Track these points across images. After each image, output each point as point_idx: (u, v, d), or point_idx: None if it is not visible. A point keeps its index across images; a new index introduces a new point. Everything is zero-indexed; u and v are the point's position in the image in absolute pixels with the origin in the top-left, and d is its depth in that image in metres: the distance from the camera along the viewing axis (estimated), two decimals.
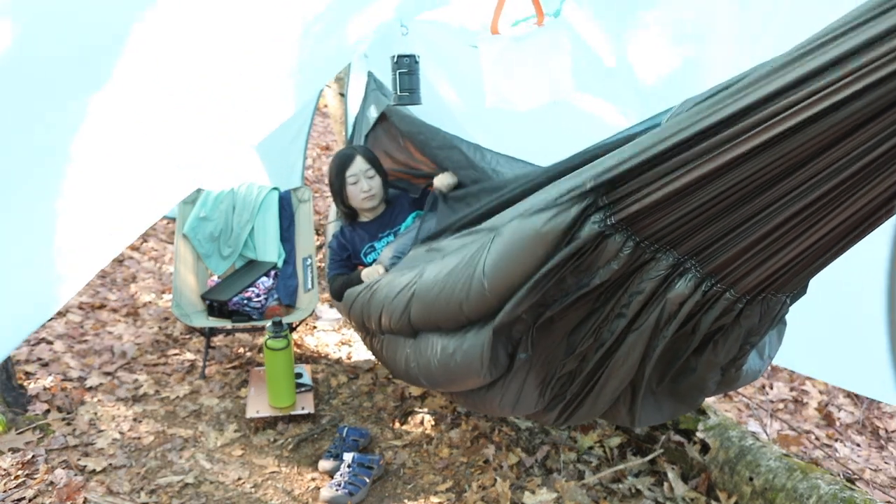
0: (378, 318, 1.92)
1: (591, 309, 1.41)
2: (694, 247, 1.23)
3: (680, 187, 1.11)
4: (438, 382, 1.72)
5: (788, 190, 1.08)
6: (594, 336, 1.43)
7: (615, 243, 1.24)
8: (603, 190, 1.20)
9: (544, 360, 1.52)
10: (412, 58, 2.28)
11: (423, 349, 1.72)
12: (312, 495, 2.26)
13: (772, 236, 1.17)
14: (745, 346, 1.49)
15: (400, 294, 1.79)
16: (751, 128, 0.99)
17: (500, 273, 1.38)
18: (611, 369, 1.48)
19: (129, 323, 3.34)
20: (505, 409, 1.62)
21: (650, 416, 1.69)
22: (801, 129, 0.95)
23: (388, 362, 2.03)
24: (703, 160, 1.06)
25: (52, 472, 2.19)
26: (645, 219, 1.20)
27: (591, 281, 1.32)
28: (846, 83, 0.87)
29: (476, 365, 1.50)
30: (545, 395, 1.57)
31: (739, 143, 1.01)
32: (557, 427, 2.62)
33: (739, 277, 1.28)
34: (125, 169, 1.31)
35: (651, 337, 1.39)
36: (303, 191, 3.32)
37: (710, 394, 1.70)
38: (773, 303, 1.39)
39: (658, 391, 1.65)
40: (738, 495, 2.21)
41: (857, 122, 0.92)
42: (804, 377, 3.39)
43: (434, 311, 1.62)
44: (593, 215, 1.23)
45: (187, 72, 1.34)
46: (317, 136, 6.53)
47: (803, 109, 0.93)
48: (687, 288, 1.28)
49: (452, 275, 1.54)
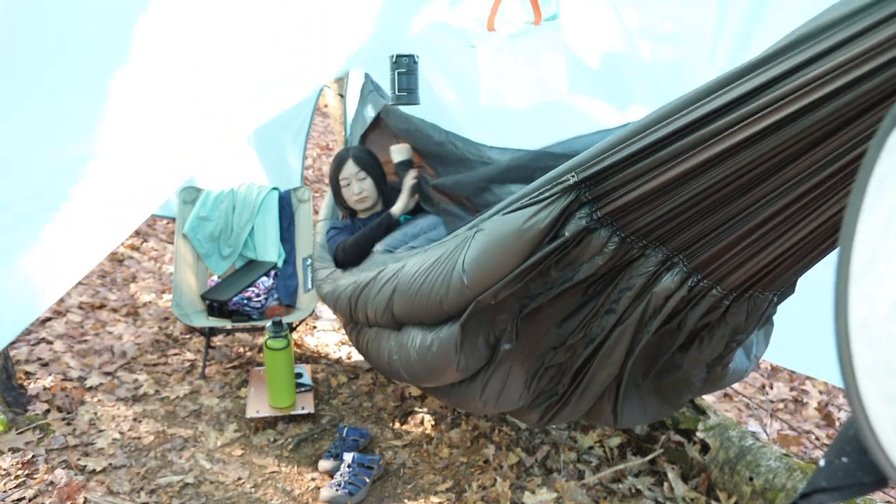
0: (364, 312, 1.93)
1: (581, 302, 1.40)
2: (682, 243, 1.23)
3: (666, 181, 1.10)
4: (418, 375, 1.72)
5: (773, 188, 1.08)
6: (584, 331, 1.43)
7: (600, 238, 1.23)
8: (587, 185, 1.18)
9: (530, 350, 1.51)
10: (411, 58, 2.28)
11: (405, 342, 1.72)
12: (312, 495, 2.26)
13: (757, 233, 1.17)
14: (731, 343, 1.49)
15: (383, 288, 1.79)
16: (733, 124, 0.98)
17: (480, 269, 1.36)
18: (597, 364, 1.48)
19: (129, 323, 3.34)
20: (488, 403, 1.60)
21: (634, 416, 1.68)
22: (780, 127, 0.95)
23: (372, 356, 2.03)
24: (689, 154, 1.05)
25: (52, 472, 2.19)
26: (630, 213, 1.19)
27: (574, 276, 1.31)
28: (827, 80, 0.87)
29: (451, 353, 1.49)
30: (531, 387, 1.55)
31: (723, 139, 1.01)
32: (541, 427, 2.61)
33: (726, 274, 1.28)
34: (126, 157, 1.30)
35: (636, 331, 1.39)
36: (303, 191, 3.32)
37: (696, 392, 1.70)
38: (760, 301, 1.39)
39: (643, 386, 1.65)
40: (738, 495, 2.21)
41: (838, 121, 0.92)
42: (804, 377, 3.39)
43: (416, 306, 1.61)
44: (578, 210, 1.21)
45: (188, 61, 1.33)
46: (317, 136, 6.53)
47: (785, 106, 0.92)
48: (673, 282, 1.27)
49: (433, 269, 1.53)
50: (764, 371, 3.45)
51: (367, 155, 2.55)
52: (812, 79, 0.87)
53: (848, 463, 1.33)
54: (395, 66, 2.28)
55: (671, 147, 1.06)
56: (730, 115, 0.98)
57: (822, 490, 1.30)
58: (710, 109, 0.99)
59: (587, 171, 1.16)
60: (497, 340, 1.49)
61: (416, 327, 1.69)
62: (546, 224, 1.22)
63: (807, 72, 0.88)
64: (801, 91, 0.89)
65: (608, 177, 1.15)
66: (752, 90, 0.94)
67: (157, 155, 1.34)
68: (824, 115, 0.90)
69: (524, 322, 1.45)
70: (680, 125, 1.03)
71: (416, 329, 1.68)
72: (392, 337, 1.82)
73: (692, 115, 1.02)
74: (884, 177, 0.48)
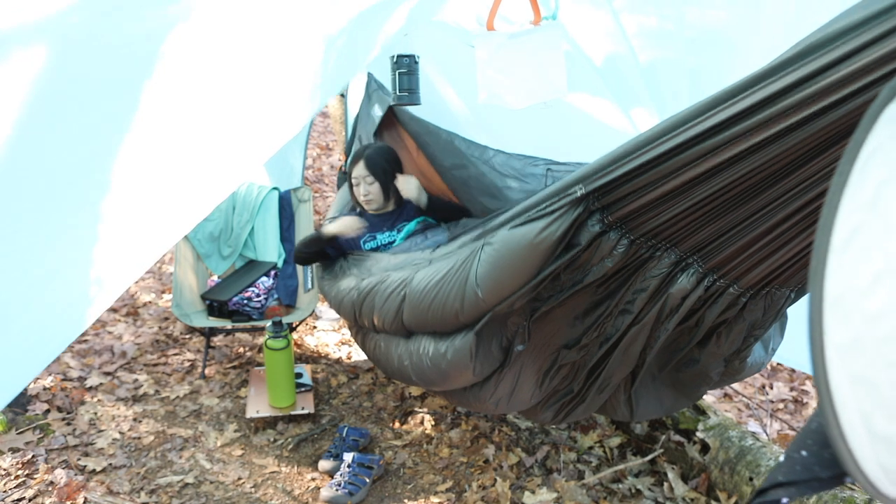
0: (371, 319, 1.92)
1: (593, 302, 1.41)
2: (695, 244, 1.24)
3: (674, 187, 1.11)
4: (431, 380, 1.73)
5: (789, 188, 1.08)
6: (598, 330, 1.44)
7: (609, 241, 1.25)
8: (595, 196, 1.19)
9: (541, 350, 1.52)
10: (412, 58, 2.28)
11: (416, 349, 1.73)
12: (312, 495, 2.26)
13: (774, 232, 1.18)
14: (748, 338, 1.51)
15: (391, 298, 1.79)
16: (742, 133, 0.98)
17: (495, 283, 1.38)
18: (614, 361, 1.49)
19: (129, 323, 3.34)
20: (500, 403, 1.61)
21: (650, 409, 1.69)
22: (788, 133, 0.95)
23: (380, 360, 2.03)
24: (698, 161, 1.05)
25: (52, 472, 2.19)
26: (640, 217, 1.20)
27: (584, 277, 1.32)
28: (838, 89, 0.85)
29: (465, 360, 1.50)
30: (543, 386, 1.56)
31: (732, 146, 1.01)
32: (555, 426, 2.62)
33: (742, 273, 1.28)
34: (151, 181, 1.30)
35: (653, 329, 1.40)
36: (303, 191, 3.32)
37: (714, 385, 1.71)
38: (777, 297, 1.40)
39: (659, 378, 1.66)
40: (738, 495, 2.21)
41: (848, 127, 0.91)
42: (804, 377, 3.39)
43: (429, 319, 1.62)
44: (590, 219, 1.22)
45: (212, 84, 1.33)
46: (317, 136, 6.53)
47: (794, 112, 0.91)
48: (689, 283, 1.28)
49: (444, 283, 1.54)
50: (764, 371, 3.45)
51: (383, 159, 2.45)
52: (823, 88, 0.86)
53: (807, 457, 1.33)
54: (395, 67, 2.28)
55: (679, 156, 1.06)
56: (739, 125, 0.97)
57: (778, 485, 1.29)
58: (720, 120, 0.98)
59: (594, 182, 1.17)
60: (510, 343, 1.50)
61: (427, 336, 1.69)
62: (558, 236, 1.24)
63: (820, 79, 0.86)
64: (811, 99, 0.88)
65: (616, 187, 1.16)
66: (763, 100, 0.92)
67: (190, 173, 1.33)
68: (833, 120, 0.89)
69: (535, 323, 1.46)
70: (688, 136, 1.03)
71: (429, 338, 1.68)
72: (401, 344, 1.83)
73: (700, 126, 1.01)
74: (873, 151, 0.47)
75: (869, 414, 0.45)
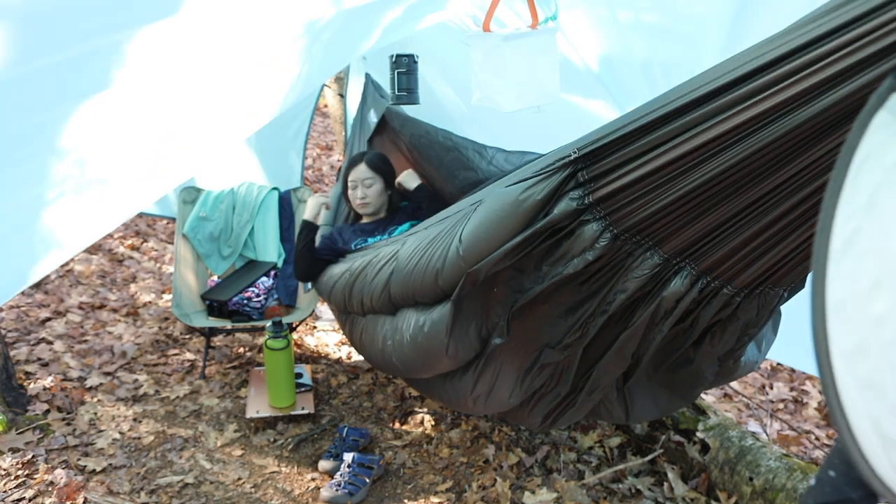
0: (360, 299, 1.95)
1: (576, 301, 1.40)
2: (684, 244, 1.23)
3: (660, 166, 1.10)
4: (410, 360, 1.73)
5: (777, 184, 1.07)
6: (581, 330, 1.43)
7: (592, 231, 1.24)
8: (585, 161, 1.20)
9: (522, 347, 1.52)
10: (411, 57, 2.28)
11: (399, 325, 1.74)
12: (312, 495, 2.26)
13: (767, 232, 1.17)
14: (742, 338, 1.51)
15: (381, 271, 1.81)
16: (733, 104, 0.97)
17: (476, 239, 1.38)
18: (603, 366, 1.49)
19: (129, 323, 3.34)
20: (478, 400, 1.61)
21: (645, 410, 1.69)
22: (778, 116, 0.94)
23: (365, 346, 2.04)
24: (685, 137, 1.06)
25: (52, 472, 2.19)
26: (624, 206, 1.20)
27: (563, 270, 1.31)
28: (838, 57, 0.84)
29: (441, 335, 1.50)
30: (523, 384, 1.56)
31: (716, 124, 1.01)
32: (545, 430, 2.61)
33: (736, 273, 1.28)
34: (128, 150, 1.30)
35: (647, 331, 1.40)
36: (303, 191, 3.32)
37: (708, 385, 1.71)
38: (771, 296, 1.40)
39: (655, 378, 1.66)
40: (738, 495, 2.21)
41: (844, 112, 0.90)
42: (804, 377, 3.39)
43: (412, 282, 1.63)
44: (571, 191, 1.22)
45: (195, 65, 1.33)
46: (317, 136, 6.53)
47: (787, 87, 0.90)
48: (683, 286, 1.28)
49: (433, 245, 1.56)
50: (764, 371, 3.45)
51: (383, 162, 2.50)
52: (823, 54, 0.85)
53: (836, 477, 1.32)
54: (394, 66, 2.28)
55: (668, 126, 1.07)
56: (730, 95, 0.97)
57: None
58: (711, 89, 0.99)
59: (588, 147, 1.19)
60: (489, 333, 1.50)
61: (411, 308, 1.71)
62: (541, 197, 1.24)
63: (817, 46, 0.85)
64: (808, 69, 0.87)
65: (607, 154, 1.17)
66: (758, 68, 0.92)
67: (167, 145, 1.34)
68: (830, 104, 0.88)
69: (516, 317, 1.46)
70: (680, 104, 1.04)
71: (411, 310, 1.70)
72: (387, 321, 1.84)
73: (692, 95, 1.02)
74: (866, 156, 0.47)
75: (879, 418, 0.44)
